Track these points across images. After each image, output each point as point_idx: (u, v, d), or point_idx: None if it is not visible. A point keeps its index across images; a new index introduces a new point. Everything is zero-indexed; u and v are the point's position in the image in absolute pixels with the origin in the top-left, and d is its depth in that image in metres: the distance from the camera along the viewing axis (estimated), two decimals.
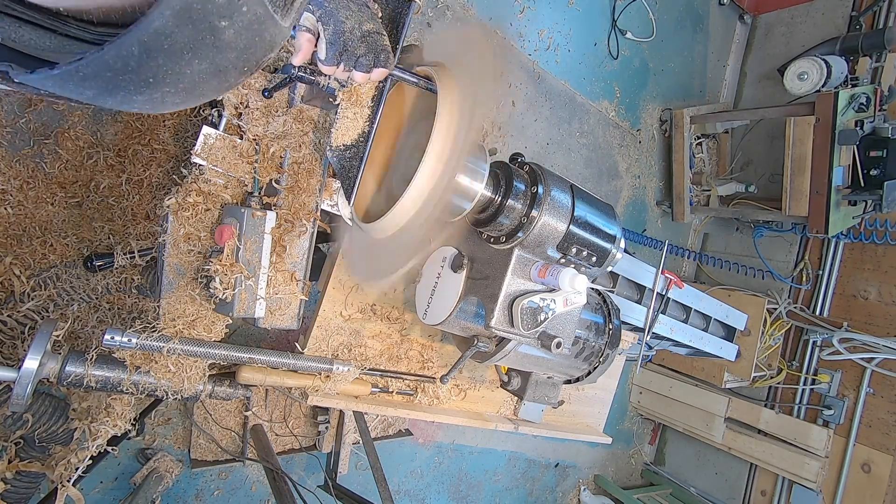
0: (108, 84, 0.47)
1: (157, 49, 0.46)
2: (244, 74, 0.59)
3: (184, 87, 0.52)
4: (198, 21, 0.46)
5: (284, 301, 1.21)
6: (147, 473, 1.99)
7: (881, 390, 3.31)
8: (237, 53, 0.53)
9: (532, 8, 3.05)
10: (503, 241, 1.15)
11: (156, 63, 0.47)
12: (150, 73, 0.48)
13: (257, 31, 0.53)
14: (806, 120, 3.09)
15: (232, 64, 0.54)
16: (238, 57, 0.54)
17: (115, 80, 0.47)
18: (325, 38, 0.82)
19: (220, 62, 0.52)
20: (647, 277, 2.16)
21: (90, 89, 0.47)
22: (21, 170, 1.59)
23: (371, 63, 0.85)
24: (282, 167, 1.20)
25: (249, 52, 0.54)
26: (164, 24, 0.44)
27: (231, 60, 0.53)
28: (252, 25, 0.51)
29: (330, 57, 0.84)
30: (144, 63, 0.46)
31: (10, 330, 1.38)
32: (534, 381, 1.68)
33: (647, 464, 4.32)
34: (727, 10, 4.26)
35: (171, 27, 0.44)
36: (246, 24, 0.51)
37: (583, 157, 3.50)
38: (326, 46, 0.83)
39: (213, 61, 0.52)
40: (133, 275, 1.51)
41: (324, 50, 0.83)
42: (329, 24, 0.81)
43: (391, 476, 2.79)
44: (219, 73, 0.54)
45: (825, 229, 3.10)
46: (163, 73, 0.48)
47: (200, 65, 0.50)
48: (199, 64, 0.50)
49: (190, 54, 0.49)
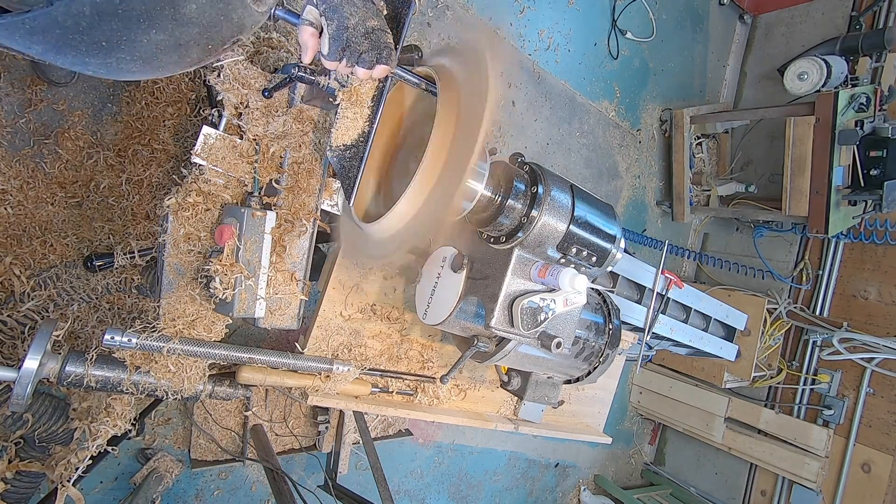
0: (58, 41, 0.46)
1: (111, 13, 0.45)
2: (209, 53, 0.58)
3: (140, 56, 0.51)
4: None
5: (284, 301, 1.21)
6: (147, 473, 1.99)
7: (881, 390, 3.31)
8: (199, 30, 0.52)
9: (532, 8, 3.05)
10: (503, 241, 1.15)
11: (108, 27, 0.46)
12: (102, 36, 0.47)
13: (223, 11, 0.52)
14: (806, 120, 3.09)
15: (193, 39, 0.53)
16: (201, 33, 0.53)
17: (64, 38, 0.46)
18: (329, 33, 0.82)
19: (181, 36, 0.51)
20: (647, 277, 2.16)
21: (38, 44, 0.47)
22: (21, 170, 1.59)
23: (374, 60, 0.85)
24: (282, 167, 1.20)
25: (213, 30, 0.53)
26: None
27: (192, 36, 0.52)
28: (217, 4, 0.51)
29: (333, 52, 0.84)
30: (96, 25, 0.45)
31: (10, 330, 1.38)
32: (534, 381, 1.68)
33: (647, 464, 4.32)
34: (727, 10, 4.26)
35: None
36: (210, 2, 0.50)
37: (583, 157, 3.49)
38: (329, 41, 0.83)
39: (173, 34, 0.50)
40: (133, 275, 1.51)
41: (327, 45, 0.83)
42: (333, 20, 0.82)
43: (391, 476, 2.79)
44: (179, 46, 0.52)
45: (825, 229, 3.10)
46: (117, 38, 0.47)
47: (158, 35, 0.49)
48: (157, 34, 0.49)
49: (147, 23, 0.47)
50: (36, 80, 1.62)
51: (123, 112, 1.75)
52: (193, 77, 1.69)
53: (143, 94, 1.71)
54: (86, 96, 1.72)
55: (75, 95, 1.70)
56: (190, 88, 1.70)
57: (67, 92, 1.69)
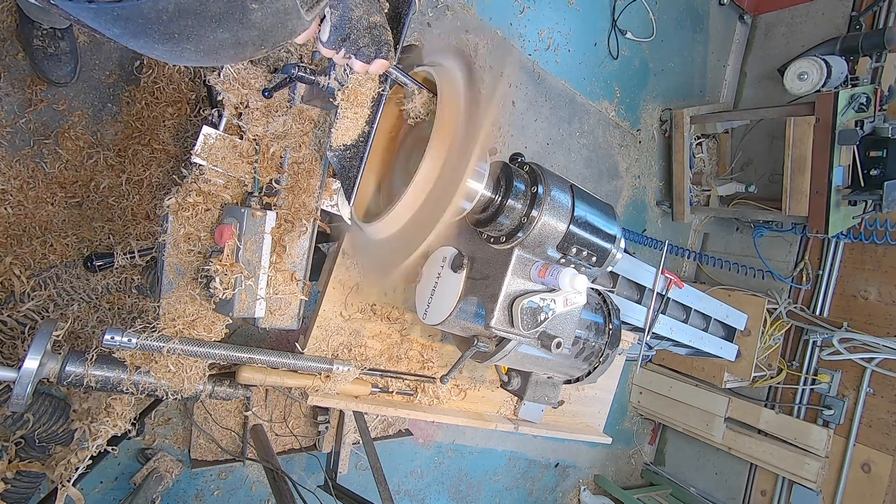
0: (137, 28, 0.52)
1: (190, 11, 0.50)
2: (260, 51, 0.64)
3: (203, 49, 0.57)
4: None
5: (284, 301, 1.21)
6: (147, 473, 1.99)
7: (881, 390, 3.31)
8: (259, 33, 0.58)
9: (532, 8, 3.05)
10: (503, 241, 1.15)
11: (184, 23, 0.51)
12: (176, 29, 0.52)
13: (282, 19, 0.58)
14: (806, 120, 3.09)
15: (251, 40, 0.59)
16: (259, 36, 0.59)
17: (143, 26, 0.51)
18: (331, 21, 0.83)
19: (242, 36, 0.58)
20: (647, 277, 2.16)
21: (118, 28, 0.52)
22: (21, 170, 1.59)
23: (373, 54, 0.85)
24: (282, 167, 1.20)
25: (270, 33, 0.60)
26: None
27: (252, 37, 0.59)
28: (279, 13, 0.57)
29: (332, 40, 0.84)
30: (175, 20, 0.51)
31: (10, 330, 1.38)
32: (534, 381, 1.68)
33: (647, 464, 4.32)
34: (727, 10, 4.26)
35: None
36: (273, 11, 0.56)
37: (583, 157, 3.49)
38: (330, 29, 0.83)
39: (236, 34, 0.57)
40: (133, 275, 1.51)
41: (327, 32, 0.83)
42: (337, 8, 0.82)
43: (391, 476, 2.79)
44: (238, 44, 0.59)
45: (825, 229, 3.10)
46: (188, 32, 0.53)
47: (224, 34, 0.55)
48: (223, 33, 0.55)
49: (216, 23, 0.53)
50: (36, 80, 1.62)
51: (123, 112, 1.75)
52: (193, 77, 1.69)
53: (143, 94, 1.71)
54: (86, 96, 1.72)
55: (75, 95, 1.70)
56: (190, 88, 1.70)
57: (67, 92, 1.69)
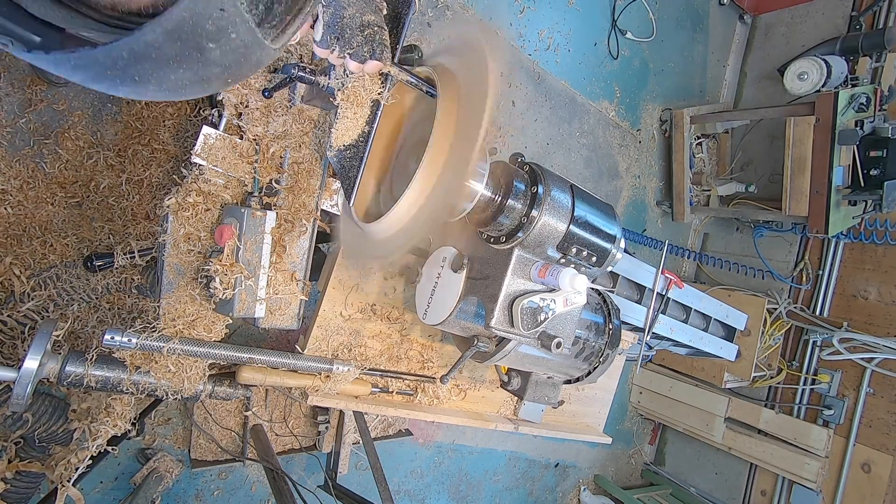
0: (96, 75, 0.52)
1: (145, 57, 0.50)
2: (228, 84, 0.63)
3: (167, 88, 0.56)
4: (186, 40, 0.50)
5: (284, 301, 1.21)
6: (147, 473, 1.99)
7: (881, 390, 3.31)
8: (221, 69, 0.57)
9: (532, 8, 3.05)
10: (503, 241, 1.15)
11: (143, 67, 0.51)
12: (135, 73, 0.52)
13: (243, 54, 0.56)
14: (806, 120, 3.09)
15: (215, 76, 0.58)
16: (222, 71, 0.57)
17: (102, 72, 0.51)
18: (323, 20, 0.82)
19: (204, 74, 0.56)
20: (647, 277, 2.16)
21: (79, 75, 0.52)
22: (21, 170, 1.59)
23: (367, 54, 0.85)
24: (282, 167, 1.20)
25: (234, 68, 0.58)
26: (154, 39, 0.48)
27: (215, 73, 0.57)
28: (238, 49, 0.55)
29: (325, 39, 0.83)
30: (132, 65, 0.51)
31: (10, 330, 1.38)
32: (534, 381, 1.68)
33: (647, 464, 4.32)
34: (727, 10, 4.26)
35: (161, 42, 0.49)
36: (233, 48, 0.54)
37: (583, 157, 3.49)
38: (323, 28, 0.83)
39: (197, 73, 0.55)
40: (133, 275, 1.51)
41: (320, 31, 0.83)
42: (329, 7, 0.81)
43: (391, 476, 2.79)
44: (202, 81, 0.58)
45: (825, 229, 3.10)
46: (148, 75, 0.53)
47: (185, 73, 0.54)
48: (184, 73, 0.54)
49: (175, 65, 0.53)
50: (36, 80, 1.62)
51: (123, 112, 1.75)
52: None
53: None
54: (86, 96, 1.72)
55: (75, 95, 1.70)
56: None
57: (67, 92, 1.69)
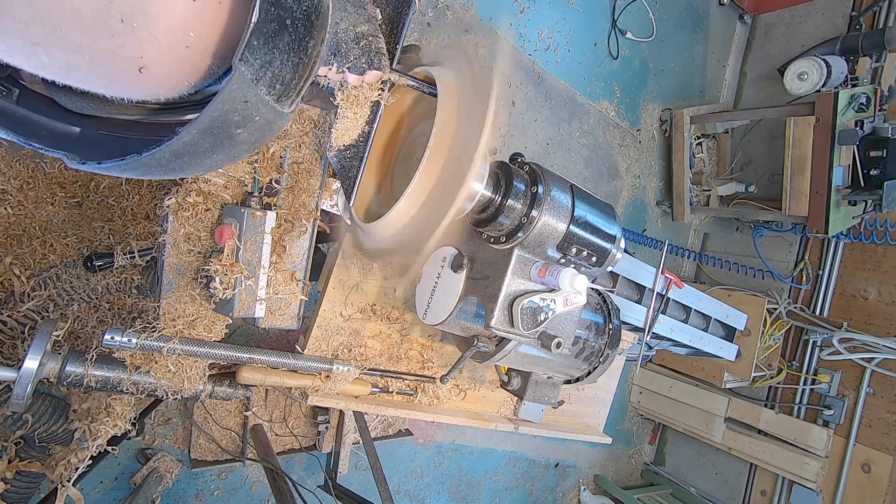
0: (143, 172, 0.61)
1: (184, 153, 0.58)
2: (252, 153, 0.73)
3: (202, 168, 0.65)
4: (218, 133, 0.57)
5: (284, 301, 1.21)
6: (147, 473, 1.99)
7: (881, 390, 3.31)
8: (248, 146, 0.65)
9: (532, 8, 3.05)
10: (503, 241, 1.15)
11: (181, 161, 0.59)
12: (176, 166, 0.60)
13: (267, 129, 0.63)
14: (806, 120, 3.09)
15: (244, 151, 0.66)
16: (249, 147, 0.65)
17: (148, 170, 0.60)
18: None
19: (234, 153, 0.64)
20: (647, 277, 2.16)
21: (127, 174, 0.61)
22: (21, 170, 1.59)
23: (365, 65, 0.85)
24: (282, 167, 1.20)
25: (259, 142, 0.66)
26: (191, 139, 0.56)
27: (243, 150, 0.65)
28: (263, 127, 0.62)
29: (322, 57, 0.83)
30: (173, 161, 0.59)
31: (10, 330, 1.38)
32: (534, 381, 1.68)
33: (647, 464, 4.32)
34: (727, 10, 4.26)
35: (196, 140, 0.56)
36: (258, 127, 0.61)
37: (583, 157, 3.50)
38: None
39: (229, 153, 0.63)
40: (133, 275, 1.51)
41: None
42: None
43: (391, 476, 2.79)
44: (232, 157, 0.66)
45: (825, 229, 3.10)
46: (186, 165, 0.61)
47: (218, 157, 0.62)
48: (217, 156, 0.62)
49: (210, 153, 0.60)
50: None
51: None
52: None
53: None
54: None
55: None
56: None
57: None
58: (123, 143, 0.58)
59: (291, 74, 0.60)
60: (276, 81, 0.58)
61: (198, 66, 0.54)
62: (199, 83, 0.56)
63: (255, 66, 0.54)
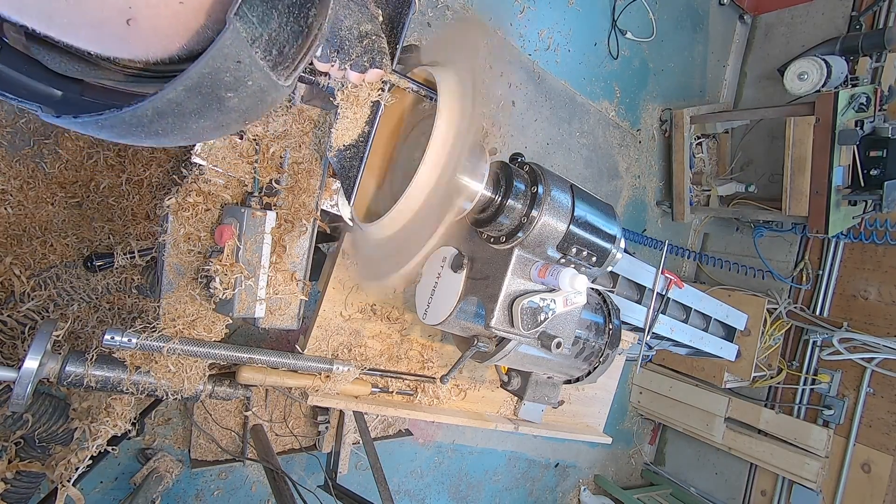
0: (123, 132, 0.56)
1: (168, 112, 0.53)
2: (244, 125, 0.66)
3: (188, 136, 0.60)
4: (206, 94, 0.53)
5: (284, 301, 1.21)
6: (147, 473, 1.99)
7: (881, 390, 3.31)
8: (239, 114, 0.60)
9: (532, 8, 3.05)
10: (503, 241, 1.15)
11: (165, 122, 0.54)
12: (159, 127, 0.55)
13: (260, 97, 0.59)
14: (806, 120, 3.09)
15: (233, 120, 0.61)
16: (239, 116, 0.60)
17: (128, 130, 0.55)
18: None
19: (223, 120, 0.59)
20: (647, 277, 2.16)
21: (105, 133, 0.56)
22: (21, 170, 1.59)
23: (367, 64, 0.85)
24: (282, 167, 1.20)
25: (251, 111, 0.61)
26: (176, 96, 0.51)
27: (233, 118, 0.60)
28: (255, 94, 0.58)
29: (325, 54, 0.83)
30: (155, 121, 0.54)
31: (10, 330, 1.38)
32: (534, 381, 1.68)
33: (647, 464, 4.32)
34: (727, 10, 4.26)
35: (182, 98, 0.52)
36: (250, 94, 0.57)
37: (583, 157, 3.50)
38: (323, 43, 0.83)
39: (217, 120, 0.58)
40: (133, 275, 1.51)
41: (320, 45, 0.83)
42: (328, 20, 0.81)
43: (391, 476, 2.79)
44: (221, 126, 0.61)
45: (825, 229, 3.10)
46: (170, 128, 0.56)
47: (205, 122, 0.57)
48: (204, 122, 0.57)
49: (196, 116, 0.56)
50: None
51: None
52: None
53: None
54: None
55: None
56: None
57: None
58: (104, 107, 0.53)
59: (290, 44, 0.57)
60: (272, 46, 0.55)
61: (190, 25, 0.50)
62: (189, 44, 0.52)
63: (251, 22, 0.50)
